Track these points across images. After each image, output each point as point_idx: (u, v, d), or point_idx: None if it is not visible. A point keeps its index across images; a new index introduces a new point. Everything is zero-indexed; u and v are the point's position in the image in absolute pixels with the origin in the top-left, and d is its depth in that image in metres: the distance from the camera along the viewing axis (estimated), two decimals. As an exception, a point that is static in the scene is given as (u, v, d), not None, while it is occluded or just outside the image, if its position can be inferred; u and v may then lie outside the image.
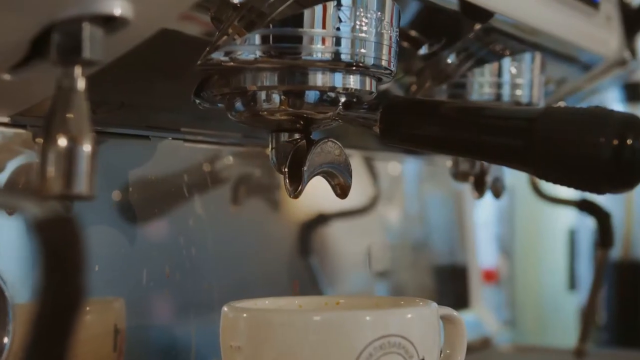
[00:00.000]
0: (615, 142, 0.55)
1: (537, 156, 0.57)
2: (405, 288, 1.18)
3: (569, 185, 0.58)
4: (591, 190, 0.59)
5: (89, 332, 0.73)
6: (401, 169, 1.21)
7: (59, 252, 0.39)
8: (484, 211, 1.70)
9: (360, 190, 1.12)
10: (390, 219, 1.18)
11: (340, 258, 1.07)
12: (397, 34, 0.66)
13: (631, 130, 0.55)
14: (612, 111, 0.57)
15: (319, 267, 1.01)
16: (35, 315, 0.39)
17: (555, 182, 0.59)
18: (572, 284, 1.57)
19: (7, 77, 0.55)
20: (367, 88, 0.66)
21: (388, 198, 1.17)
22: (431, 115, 0.63)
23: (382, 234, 1.16)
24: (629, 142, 0.55)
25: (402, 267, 1.18)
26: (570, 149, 0.56)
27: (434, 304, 0.66)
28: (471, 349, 1.21)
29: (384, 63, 0.65)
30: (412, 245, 1.22)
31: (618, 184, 0.56)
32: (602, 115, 0.56)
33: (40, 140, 0.62)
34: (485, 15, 0.77)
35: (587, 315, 1.07)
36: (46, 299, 0.39)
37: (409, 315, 0.63)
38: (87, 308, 0.73)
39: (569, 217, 1.57)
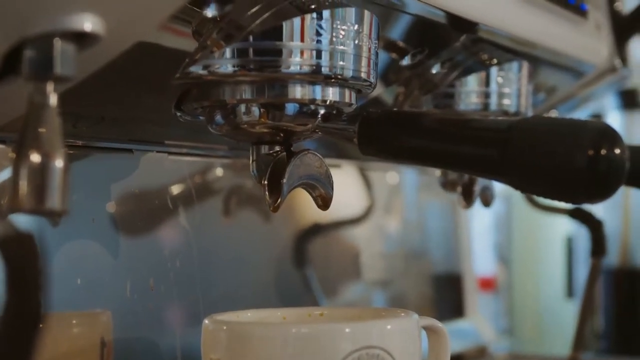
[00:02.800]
0: (590, 152, 0.55)
1: (513, 167, 0.58)
2: (402, 297, 1.18)
3: (545, 196, 0.59)
4: (567, 200, 0.59)
5: (76, 345, 0.73)
6: (398, 178, 1.21)
7: (17, 269, 0.39)
8: (481, 219, 1.70)
9: (356, 200, 1.13)
10: (387, 228, 1.18)
11: (336, 268, 1.07)
12: (377, 45, 0.66)
13: (606, 141, 0.55)
14: (586, 121, 0.57)
15: (315, 278, 1.02)
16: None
17: (531, 192, 0.59)
18: (570, 291, 1.57)
19: (-20, 94, 0.55)
20: (347, 100, 0.66)
21: (384, 207, 1.18)
22: (409, 127, 0.63)
23: (379, 243, 1.16)
24: (604, 152, 0.55)
25: (399, 276, 1.19)
26: (545, 159, 0.56)
27: (415, 315, 0.66)
28: (467, 357, 1.22)
29: (363, 75, 0.65)
30: (409, 254, 1.22)
31: (593, 193, 0.57)
32: (577, 125, 0.57)
33: (12, 155, 0.62)
34: (468, 25, 0.77)
35: (580, 323, 1.07)
36: (6, 316, 0.39)
37: (388, 327, 0.63)
38: (74, 321, 0.74)
39: (566, 224, 1.56)
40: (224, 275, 0.87)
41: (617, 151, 0.55)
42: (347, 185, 1.11)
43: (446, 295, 1.28)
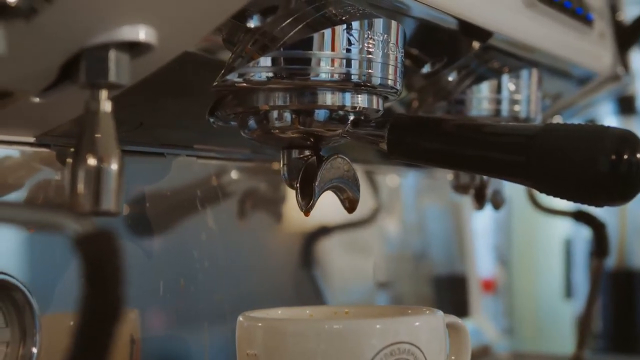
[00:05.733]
0: (613, 157, 0.58)
1: (537, 171, 0.60)
2: (405, 298, 1.21)
3: (568, 199, 0.61)
4: (589, 204, 0.61)
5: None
6: (400, 181, 1.23)
7: (99, 265, 0.42)
8: (482, 222, 1.73)
9: (361, 203, 1.15)
10: (390, 231, 1.20)
11: (342, 269, 1.09)
12: (402, 54, 0.69)
13: (627, 146, 0.58)
14: (608, 127, 0.59)
15: (322, 278, 1.04)
16: (77, 325, 0.42)
17: (555, 195, 0.61)
18: (568, 292, 1.60)
19: (36, 99, 0.58)
20: (375, 106, 0.69)
21: (388, 210, 1.20)
22: (436, 133, 0.65)
23: (383, 245, 1.18)
24: (625, 157, 0.57)
25: (403, 278, 1.21)
26: (569, 164, 0.59)
27: (440, 312, 0.69)
28: (471, 356, 1.24)
29: (390, 82, 0.67)
30: (412, 256, 1.24)
31: (615, 197, 0.59)
32: (599, 131, 0.59)
33: (69, 160, 0.65)
34: (484, 34, 0.80)
35: (584, 324, 1.10)
36: (88, 310, 0.42)
37: (417, 323, 0.66)
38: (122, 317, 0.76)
39: (564, 227, 1.59)
40: (242, 274, 0.90)
41: (639, 156, 0.58)
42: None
43: (450, 296, 1.31)
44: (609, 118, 1.47)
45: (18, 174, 0.69)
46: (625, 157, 0.58)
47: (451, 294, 1.31)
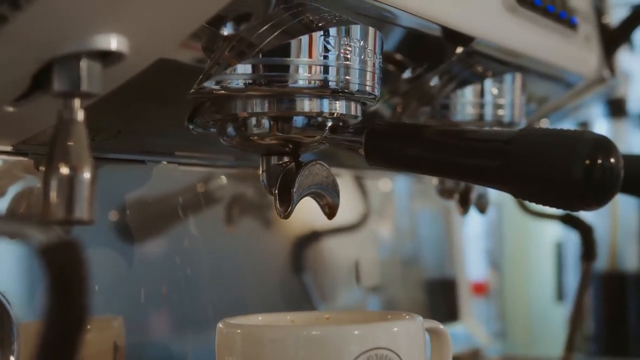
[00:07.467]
0: (587, 162, 0.57)
1: (513, 176, 0.60)
2: (396, 302, 1.21)
3: (543, 204, 0.61)
4: (564, 208, 0.61)
5: (90, 350, 0.76)
6: (391, 186, 1.23)
7: (63, 275, 0.42)
8: (473, 226, 1.73)
9: (351, 208, 1.15)
10: (380, 235, 1.20)
11: (332, 274, 1.09)
12: (380, 60, 0.69)
13: (601, 151, 0.58)
14: (583, 132, 0.59)
15: (312, 283, 1.04)
16: (41, 335, 0.42)
17: (531, 200, 0.61)
18: (560, 295, 1.60)
19: (10, 109, 0.58)
20: (353, 112, 0.69)
21: (378, 215, 1.20)
22: (413, 139, 0.65)
23: (373, 249, 1.18)
24: (599, 162, 0.57)
25: (393, 282, 1.21)
26: (544, 169, 0.59)
27: (420, 318, 0.69)
28: (462, 360, 1.24)
29: (368, 89, 0.68)
30: (403, 260, 1.24)
31: (590, 201, 0.59)
32: (574, 136, 0.59)
33: (43, 168, 0.65)
34: (466, 40, 0.80)
35: (572, 326, 1.10)
36: (52, 320, 0.42)
37: (395, 329, 0.66)
38: (87, 326, 0.76)
39: (555, 230, 1.60)
40: (231, 281, 0.90)
41: (612, 160, 0.58)
42: (344, 193, 1.13)
43: (440, 300, 1.31)
44: (599, 121, 1.47)
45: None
46: (599, 162, 0.58)
47: (442, 298, 1.32)
